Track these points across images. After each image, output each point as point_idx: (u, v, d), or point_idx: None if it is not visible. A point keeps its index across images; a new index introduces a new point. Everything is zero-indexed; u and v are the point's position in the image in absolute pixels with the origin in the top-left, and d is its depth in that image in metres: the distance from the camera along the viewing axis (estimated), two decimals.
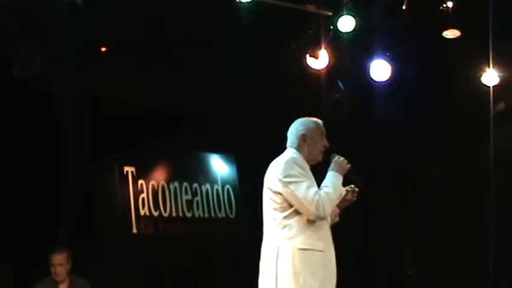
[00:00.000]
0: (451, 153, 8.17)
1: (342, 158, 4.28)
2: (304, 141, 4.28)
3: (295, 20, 6.84)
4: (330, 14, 6.80)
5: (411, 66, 7.39)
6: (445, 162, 8.32)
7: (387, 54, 7.17)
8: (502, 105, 7.62)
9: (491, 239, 6.42)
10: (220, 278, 7.49)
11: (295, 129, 4.34)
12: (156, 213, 7.32)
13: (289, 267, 4.04)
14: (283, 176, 4.11)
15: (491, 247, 6.43)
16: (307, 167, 4.22)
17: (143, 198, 7.27)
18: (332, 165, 4.27)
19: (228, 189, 7.93)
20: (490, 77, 7.11)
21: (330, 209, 4.13)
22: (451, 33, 6.79)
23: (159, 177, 7.46)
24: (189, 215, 7.57)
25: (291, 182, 4.09)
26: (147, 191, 7.32)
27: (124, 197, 7.16)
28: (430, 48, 7.37)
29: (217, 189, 7.87)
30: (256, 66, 6.93)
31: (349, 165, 4.29)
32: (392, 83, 7.19)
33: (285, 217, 4.10)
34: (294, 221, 4.09)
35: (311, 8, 6.76)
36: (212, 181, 7.87)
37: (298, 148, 4.28)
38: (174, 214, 7.44)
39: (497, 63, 6.98)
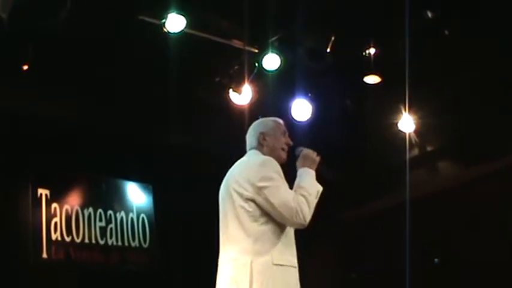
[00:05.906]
0: (366, 196, 8.30)
1: (310, 150, 3.90)
2: (264, 139, 3.93)
3: (221, 54, 6.92)
4: (256, 51, 6.91)
5: (332, 108, 7.54)
6: (359, 205, 8.44)
7: (309, 94, 7.32)
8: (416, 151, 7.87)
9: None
10: None
11: (253, 130, 4.01)
12: (68, 239, 7.19)
13: (267, 285, 3.60)
14: (257, 180, 3.69)
15: None
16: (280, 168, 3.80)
17: (56, 223, 7.13)
18: (301, 160, 3.89)
19: (143, 218, 7.86)
20: (406, 123, 7.35)
21: (310, 214, 3.70)
22: (371, 79, 6.99)
23: (73, 201, 7.34)
24: (102, 242, 7.45)
25: (265, 187, 3.67)
26: (61, 215, 7.19)
27: (36, 220, 7.00)
28: (351, 92, 7.55)
29: (132, 218, 7.79)
30: (182, 96, 6.95)
31: (319, 156, 3.89)
32: (312, 123, 7.31)
33: (257, 228, 3.67)
34: (267, 232, 3.67)
35: (237, 43, 6.85)
36: (127, 209, 7.79)
37: (258, 148, 3.93)
38: (86, 240, 7.32)
39: (414, 110, 7.21)
